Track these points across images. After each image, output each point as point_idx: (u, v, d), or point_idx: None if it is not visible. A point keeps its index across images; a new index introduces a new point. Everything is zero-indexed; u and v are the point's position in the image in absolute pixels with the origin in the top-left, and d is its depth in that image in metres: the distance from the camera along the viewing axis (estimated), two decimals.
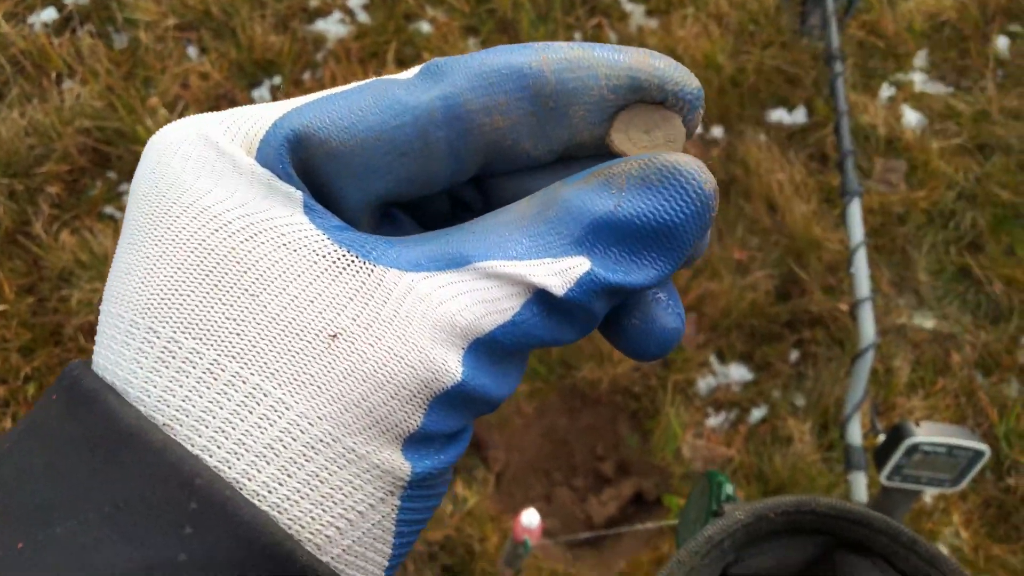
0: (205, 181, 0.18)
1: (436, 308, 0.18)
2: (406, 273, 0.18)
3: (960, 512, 1.54)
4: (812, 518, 0.28)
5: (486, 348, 0.18)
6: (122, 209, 1.79)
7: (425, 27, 1.98)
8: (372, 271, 0.18)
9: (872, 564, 0.28)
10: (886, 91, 1.98)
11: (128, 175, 1.82)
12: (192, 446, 0.17)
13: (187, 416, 0.17)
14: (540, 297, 0.18)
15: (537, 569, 1.46)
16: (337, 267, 0.18)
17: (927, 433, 0.97)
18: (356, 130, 0.18)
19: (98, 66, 1.87)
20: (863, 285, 1.25)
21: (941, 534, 1.52)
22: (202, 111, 1.48)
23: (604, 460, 1.61)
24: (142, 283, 0.18)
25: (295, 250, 0.17)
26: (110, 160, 1.83)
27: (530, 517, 1.18)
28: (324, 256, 0.18)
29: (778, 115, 1.91)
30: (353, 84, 0.19)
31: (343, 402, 0.17)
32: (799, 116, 1.91)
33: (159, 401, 0.17)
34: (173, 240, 0.18)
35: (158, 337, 0.17)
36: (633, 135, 0.20)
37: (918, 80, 2.00)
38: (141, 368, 0.17)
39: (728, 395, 1.64)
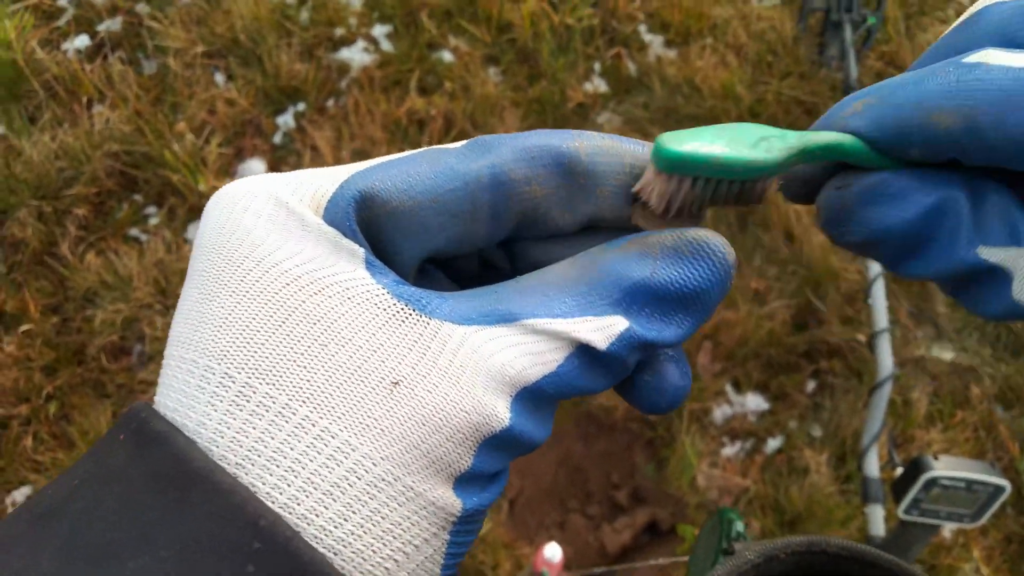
0: (276, 238, 0.19)
1: (488, 359, 0.19)
2: (459, 326, 0.19)
3: (980, 547, 1.52)
4: (823, 559, 0.28)
5: (531, 396, 0.20)
6: (147, 232, 1.82)
7: (447, 56, 2.01)
8: (428, 323, 0.19)
9: None
10: None
11: (154, 198, 1.86)
12: (264, 484, 0.18)
13: (259, 456, 0.18)
14: (582, 351, 0.20)
15: None
16: (397, 319, 0.19)
17: (946, 467, 0.95)
18: (415, 192, 0.20)
19: (128, 92, 1.92)
20: (881, 316, 1.25)
21: (961, 570, 1.50)
22: (228, 136, 1.51)
23: (619, 488, 1.60)
24: (217, 331, 0.19)
25: (358, 304, 0.19)
26: (137, 183, 1.86)
27: (552, 551, 1.16)
28: (385, 309, 0.19)
29: None
30: (408, 152, 0.21)
31: (403, 444, 0.18)
32: None
33: (232, 442, 0.18)
34: (247, 292, 0.19)
35: (233, 382, 0.18)
36: (648, 214, 0.23)
37: None
38: (216, 411, 0.18)
39: (744, 425, 1.63)
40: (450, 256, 0.22)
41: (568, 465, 1.63)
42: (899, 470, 1.03)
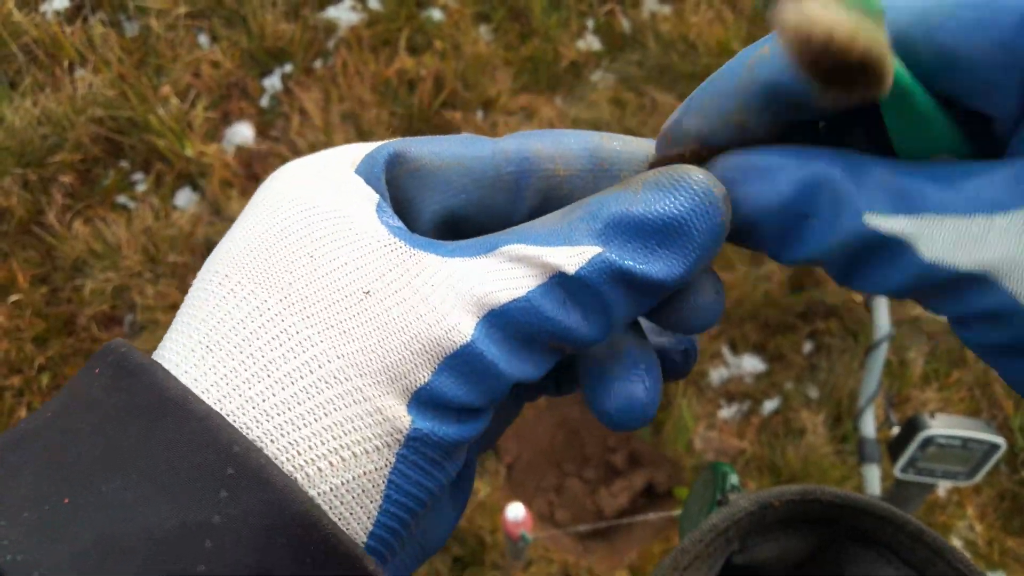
0: (308, 186, 0.22)
1: (460, 281, 0.20)
2: (442, 258, 0.21)
3: (974, 505, 1.53)
4: (817, 507, 0.28)
5: (500, 320, 0.20)
6: (135, 198, 1.80)
7: (437, 14, 1.98)
8: (414, 254, 0.21)
9: (877, 555, 0.27)
10: None
11: (141, 164, 1.83)
12: (224, 366, 0.19)
13: (228, 343, 0.19)
14: (555, 280, 0.21)
15: (548, 560, 1.45)
16: (386, 248, 0.21)
17: (942, 426, 0.96)
18: (444, 154, 0.23)
19: (110, 55, 1.88)
20: None
21: (955, 527, 1.51)
22: (213, 100, 1.49)
23: (615, 452, 1.61)
24: (230, 242, 0.21)
25: (356, 234, 0.21)
26: (123, 149, 1.84)
27: (515, 511, 1.17)
28: (378, 240, 0.21)
29: None
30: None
31: (360, 344, 0.19)
32: None
33: (211, 330, 0.20)
34: (267, 217, 0.21)
35: (227, 280, 0.20)
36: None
37: None
38: (207, 304, 0.20)
39: (741, 386, 1.63)
40: (468, 220, 0.23)
41: (565, 429, 1.63)
42: (895, 430, 1.03)
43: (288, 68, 1.92)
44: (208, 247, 1.74)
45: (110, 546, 0.16)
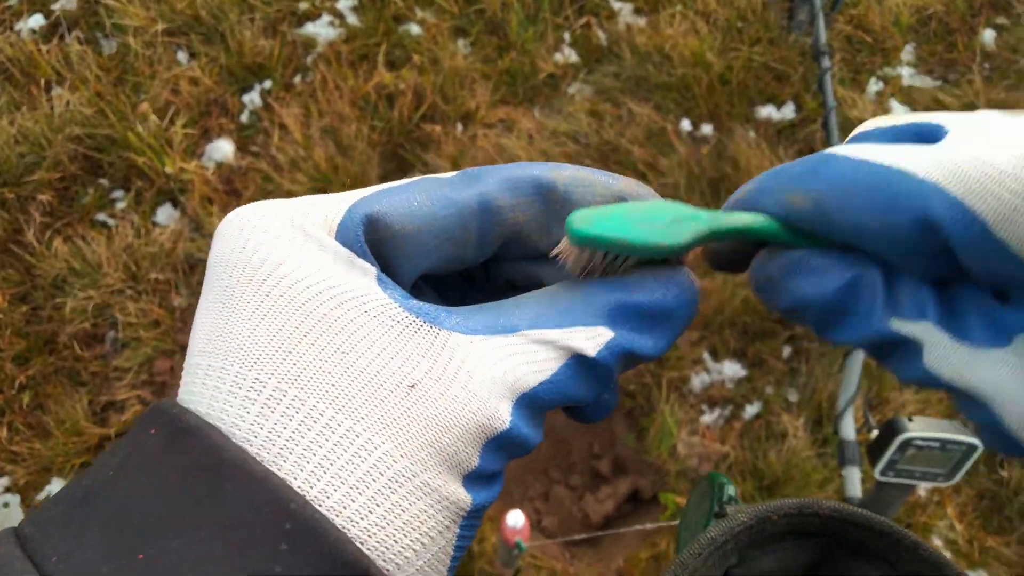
0: (296, 257, 0.21)
1: (492, 366, 0.21)
2: (465, 336, 0.22)
3: (954, 505, 1.56)
4: (815, 521, 0.28)
5: (529, 401, 0.22)
6: (115, 216, 1.79)
7: (415, 29, 1.98)
8: (439, 334, 0.21)
9: (874, 568, 0.28)
10: (874, 86, 1.99)
11: (120, 182, 1.82)
12: (295, 479, 0.19)
13: (291, 454, 0.20)
14: (575, 360, 0.23)
15: (536, 568, 1.46)
16: (410, 330, 0.21)
17: (920, 428, 0.97)
18: (415, 217, 0.23)
19: (87, 73, 1.86)
20: None
21: (936, 527, 1.54)
22: (193, 116, 1.48)
23: (600, 458, 1.62)
24: (246, 341, 0.21)
25: (374, 316, 0.21)
26: (101, 167, 1.82)
27: (515, 518, 1.17)
28: (398, 321, 0.21)
29: (767, 111, 1.92)
30: (405, 181, 0.24)
31: (419, 442, 0.20)
32: (788, 112, 1.92)
33: (265, 441, 0.20)
34: (272, 305, 0.21)
35: (264, 387, 0.20)
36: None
37: (906, 74, 2.02)
38: (248, 413, 0.20)
39: (722, 392, 1.64)
40: (440, 274, 0.25)
41: (550, 437, 1.64)
42: (875, 432, 1.04)
43: (267, 84, 1.92)
44: (189, 263, 1.73)
45: None
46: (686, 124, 1.90)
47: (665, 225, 0.23)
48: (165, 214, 1.80)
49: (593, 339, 0.23)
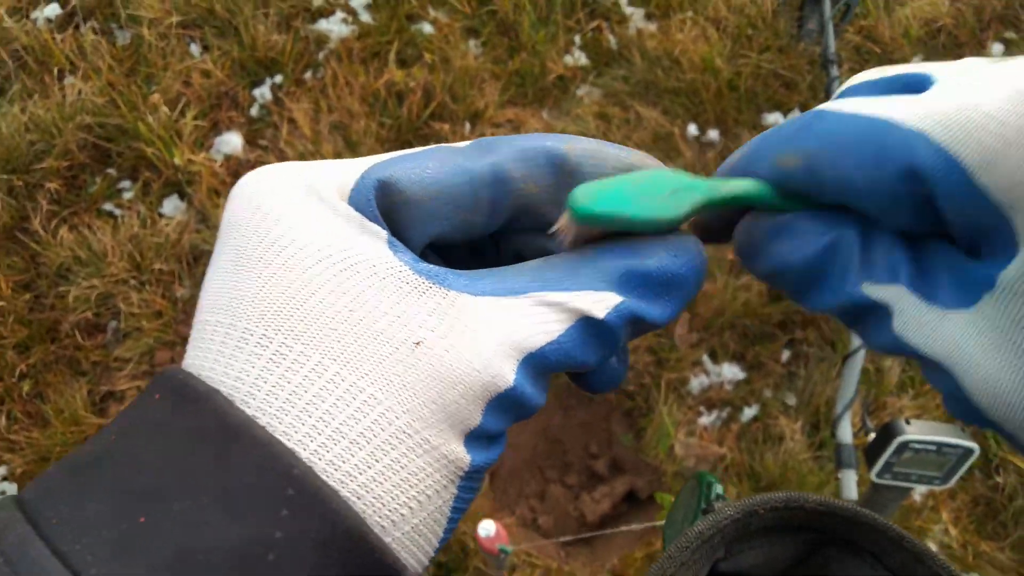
0: (309, 220, 0.22)
1: (499, 326, 0.22)
2: (474, 297, 0.22)
3: (949, 509, 1.56)
4: (801, 515, 0.29)
5: (534, 362, 0.22)
6: (121, 206, 1.80)
7: (427, 28, 1.99)
8: (447, 294, 0.21)
9: (860, 561, 0.28)
10: None
11: (128, 172, 1.83)
12: (296, 432, 0.19)
13: (293, 407, 0.20)
14: (583, 322, 0.23)
15: (531, 567, 1.47)
16: (419, 290, 0.21)
17: (917, 431, 0.97)
18: (427, 183, 0.23)
19: (100, 63, 1.88)
20: None
21: (930, 531, 1.54)
22: (203, 109, 1.49)
23: (597, 458, 1.63)
24: (255, 298, 0.21)
25: (383, 277, 0.21)
26: (110, 157, 1.83)
27: (486, 529, 1.15)
28: (407, 282, 0.21)
29: (774, 119, 1.93)
30: (419, 148, 0.24)
31: (422, 399, 0.20)
32: None
33: (268, 395, 0.20)
34: (283, 266, 0.21)
35: (271, 342, 0.20)
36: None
37: None
38: (254, 367, 0.20)
39: (720, 394, 1.65)
40: (449, 243, 0.25)
41: (547, 436, 1.65)
42: (871, 436, 1.05)
43: (278, 79, 1.93)
44: (194, 255, 1.75)
45: (188, 559, 0.17)
46: (693, 129, 1.91)
47: (665, 198, 0.23)
48: (172, 205, 1.81)
49: (601, 302, 0.23)
